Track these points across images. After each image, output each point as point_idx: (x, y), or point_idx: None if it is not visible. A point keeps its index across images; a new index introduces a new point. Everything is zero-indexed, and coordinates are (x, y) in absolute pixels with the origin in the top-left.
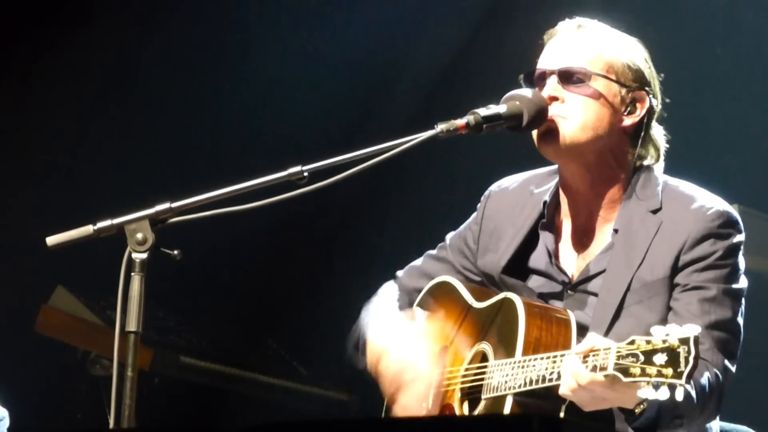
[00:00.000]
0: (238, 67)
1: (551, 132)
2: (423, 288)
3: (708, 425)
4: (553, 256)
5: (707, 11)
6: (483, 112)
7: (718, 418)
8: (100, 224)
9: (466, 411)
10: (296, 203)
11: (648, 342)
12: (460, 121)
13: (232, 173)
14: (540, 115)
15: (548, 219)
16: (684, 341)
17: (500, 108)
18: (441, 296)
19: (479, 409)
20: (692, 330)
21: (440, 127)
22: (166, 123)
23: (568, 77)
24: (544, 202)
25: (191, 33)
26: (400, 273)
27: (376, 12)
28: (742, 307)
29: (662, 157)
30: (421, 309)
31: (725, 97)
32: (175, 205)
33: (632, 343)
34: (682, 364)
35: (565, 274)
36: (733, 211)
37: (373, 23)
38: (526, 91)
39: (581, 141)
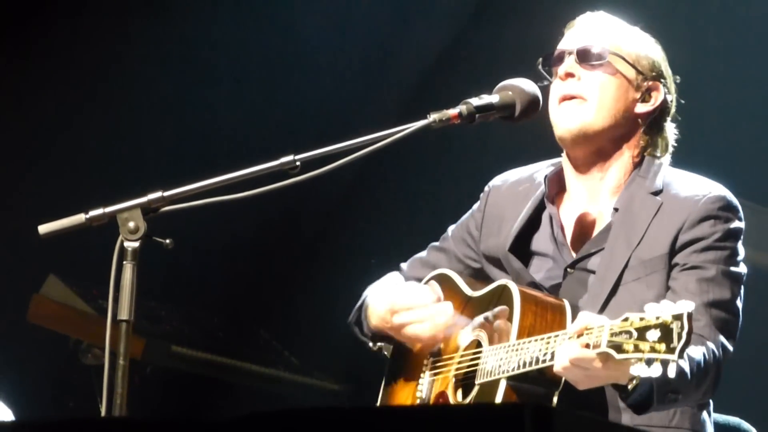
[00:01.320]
0: (233, 55)
1: (570, 117)
2: (424, 278)
3: (702, 417)
4: (557, 230)
5: (705, 4)
6: (475, 102)
7: (711, 407)
8: (92, 213)
9: (459, 398)
10: (288, 193)
11: (641, 319)
12: (453, 111)
13: (224, 163)
14: (532, 106)
15: (551, 194)
16: (677, 317)
17: (493, 98)
18: (439, 288)
19: (472, 394)
20: (686, 306)
21: (433, 116)
22: (160, 112)
23: (585, 56)
24: (545, 177)
25: (187, 23)
26: (403, 264)
27: (369, 1)
28: (742, 291)
29: (669, 153)
30: None
31: (722, 90)
32: (167, 193)
33: (626, 320)
34: (675, 340)
35: (566, 252)
36: (734, 198)
37: (365, 12)
38: (518, 81)
39: (599, 125)
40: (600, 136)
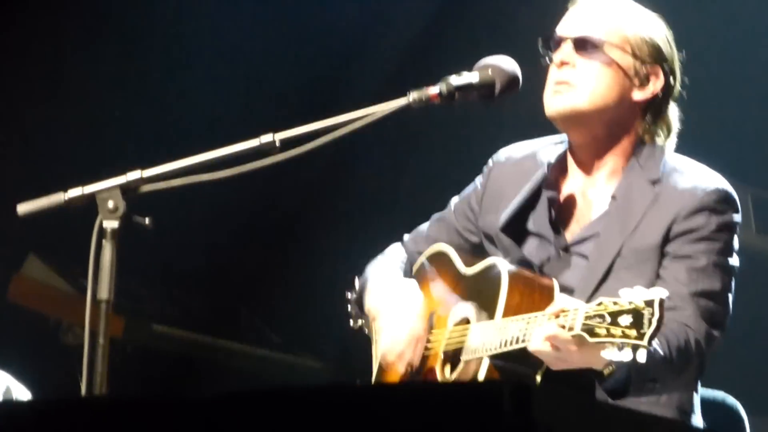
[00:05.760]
0: (211, 34)
1: (559, 99)
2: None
3: (691, 396)
4: (555, 214)
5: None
6: (455, 80)
7: (698, 386)
8: (72, 192)
9: (447, 373)
10: (268, 171)
11: (615, 303)
12: (433, 90)
13: (204, 142)
14: (511, 84)
15: (551, 179)
16: (649, 303)
17: (472, 76)
18: (435, 265)
19: (458, 370)
20: (658, 293)
21: (412, 96)
22: (139, 91)
23: (582, 45)
24: (548, 163)
25: (166, 4)
26: (406, 237)
27: None
28: (733, 283)
29: (674, 137)
30: (416, 277)
31: (736, 77)
32: (146, 173)
33: (600, 304)
34: (646, 326)
35: (561, 235)
36: (733, 191)
37: None
38: (498, 59)
39: (589, 109)
40: (590, 120)
